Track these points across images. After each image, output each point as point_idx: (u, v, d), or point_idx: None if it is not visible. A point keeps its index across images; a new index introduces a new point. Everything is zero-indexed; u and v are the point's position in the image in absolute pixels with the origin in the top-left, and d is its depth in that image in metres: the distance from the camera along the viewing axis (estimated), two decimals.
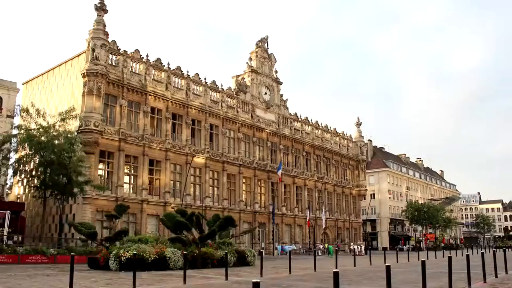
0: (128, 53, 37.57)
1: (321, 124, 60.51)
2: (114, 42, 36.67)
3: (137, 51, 38.30)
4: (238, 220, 44.27)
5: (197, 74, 43.55)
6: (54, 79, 39.99)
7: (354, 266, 23.62)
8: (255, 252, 23.26)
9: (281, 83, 54.53)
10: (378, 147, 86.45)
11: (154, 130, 39.04)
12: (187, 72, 42.50)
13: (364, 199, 75.36)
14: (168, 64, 40.80)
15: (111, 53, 36.29)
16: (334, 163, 61.35)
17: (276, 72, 54.30)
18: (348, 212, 63.25)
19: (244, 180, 46.78)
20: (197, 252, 20.75)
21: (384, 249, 71.25)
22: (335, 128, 63.27)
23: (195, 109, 42.25)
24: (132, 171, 36.78)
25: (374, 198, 74.35)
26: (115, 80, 35.96)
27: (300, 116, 56.93)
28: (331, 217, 58.96)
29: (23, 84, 44.14)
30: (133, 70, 37.85)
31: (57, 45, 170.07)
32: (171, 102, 40.16)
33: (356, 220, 64.47)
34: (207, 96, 44.08)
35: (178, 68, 41.68)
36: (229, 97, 46.90)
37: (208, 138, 43.33)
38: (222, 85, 46.16)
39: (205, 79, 44.30)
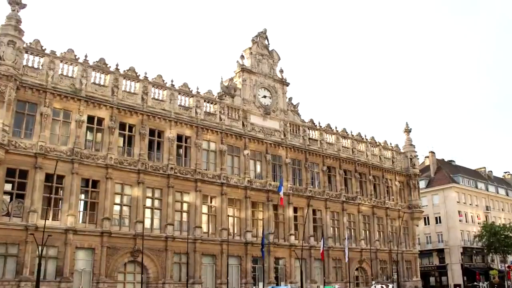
0: (57, 53, 31.54)
1: (351, 132, 49.25)
2: (37, 41, 30.86)
3: (70, 51, 32.11)
4: (219, 253, 35.10)
5: (160, 76, 36.16)
6: None
7: None
8: None
9: (287, 84, 45.00)
10: (446, 160, 70.92)
11: (92, 143, 32.05)
12: (145, 74, 35.34)
13: (427, 223, 61.14)
14: (117, 66, 34.03)
15: (31, 54, 30.48)
16: (371, 180, 49.17)
17: (281, 71, 45.04)
18: (396, 241, 49.99)
19: (230, 203, 37.51)
20: None
21: (456, 286, 56.03)
22: (372, 137, 51.40)
23: (153, 116, 34.64)
24: (56, 194, 29.77)
25: (440, 222, 59.50)
26: (34, 85, 29.83)
27: (319, 123, 46.50)
28: (369, 248, 46.42)
29: None
30: (64, 73, 31.61)
31: None
32: (118, 109, 33.02)
33: (409, 250, 50.77)
34: (175, 101, 36.33)
35: (131, 69, 34.69)
36: (208, 102, 38.69)
37: (174, 152, 35.20)
38: (198, 88, 38.23)
39: (172, 81, 36.77)
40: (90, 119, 31.92)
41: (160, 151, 34.93)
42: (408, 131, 55.01)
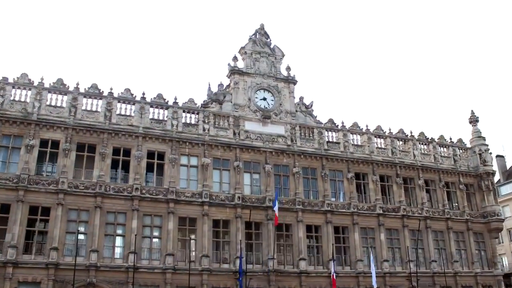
0: (9, 79, 30.54)
1: (389, 129, 40.51)
2: None
3: (24, 75, 30.88)
4: (199, 285, 29.95)
5: (128, 90, 33.19)
6: None
7: None
8: None
9: (294, 82, 38.69)
10: None
11: (44, 167, 29.91)
12: (111, 89, 32.70)
13: None
14: (77, 84, 31.91)
15: None
16: (422, 185, 39.40)
17: (288, 69, 39.07)
18: (467, 261, 38.98)
19: (215, 225, 32.15)
20: None
21: None
22: (421, 133, 41.74)
23: (116, 133, 31.51)
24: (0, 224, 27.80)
25: None
26: None
27: (342, 123, 38.97)
28: (422, 271, 36.51)
29: None
30: (17, 98, 30.36)
31: None
32: (75, 129, 30.61)
33: (487, 272, 39.07)
34: (146, 115, 32.93)
35: (93, 86, 32.29)
36: (189, 112, 34.48)
37: (141, 171, 31.46)
38: (176, 98, 34.33)
39: (143, 94, 33.54)
40: (44, 143, 29.98)
41: (127, 171, 31.54)
42: (474, 121, 43.82)
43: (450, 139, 42.76)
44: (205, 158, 33.17)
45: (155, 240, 30.56)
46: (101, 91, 32.38)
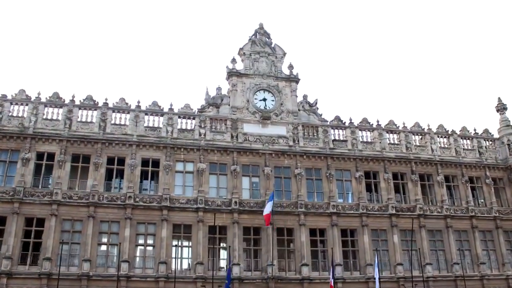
0: (7, 96, 31.66)
1: (403, 124, 37.98)
2: None
3: (21, 91, 31.94)
4: None
5: (122, 99, 33.32)
6: None
7: None
8: None
9: (297, 81, 37.27)
10: None
11: (40, 179, 30.54)
12: (105, 99, 33.02)
13: None
14: (73, 97, 32.56)
15: None
16: (441, 181, 36.47)
17: (291, 67, 37.78)
18: (496, 262, 35.54)
19: (211, 231, 31.33)
20: None
21: None
22: (440, 125, 38.78)
23: (110, 143, 31.68)
24: None
25: None
26: None
27: (351, 120, 37.03)
28: (443, 275, 33.70)
29: None
30: (13, 114, 31.39)
31: None
32: (69, 141, 31.14)
33: None
34: (141, 123, 32.93)
35: (88, 97, 32.73)
36: (184, 118, 34.11)
37: (135, 179, 31.36)
38: (171, 105, 34.13)
39: (138, 102, 33.58)
40: (40, 155, 30.72)
41: (122, 180, 31.63)
42: (502, 109, 40.14)
43: (474, 130, 39.41)
44: (201, 163, 32.56)
45: (148, 248, 30.31)
46: (96, 102, 32.76)
